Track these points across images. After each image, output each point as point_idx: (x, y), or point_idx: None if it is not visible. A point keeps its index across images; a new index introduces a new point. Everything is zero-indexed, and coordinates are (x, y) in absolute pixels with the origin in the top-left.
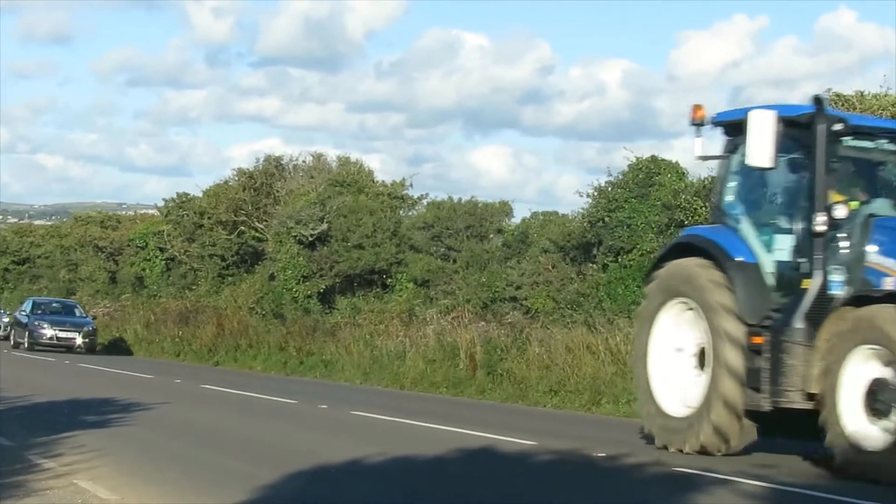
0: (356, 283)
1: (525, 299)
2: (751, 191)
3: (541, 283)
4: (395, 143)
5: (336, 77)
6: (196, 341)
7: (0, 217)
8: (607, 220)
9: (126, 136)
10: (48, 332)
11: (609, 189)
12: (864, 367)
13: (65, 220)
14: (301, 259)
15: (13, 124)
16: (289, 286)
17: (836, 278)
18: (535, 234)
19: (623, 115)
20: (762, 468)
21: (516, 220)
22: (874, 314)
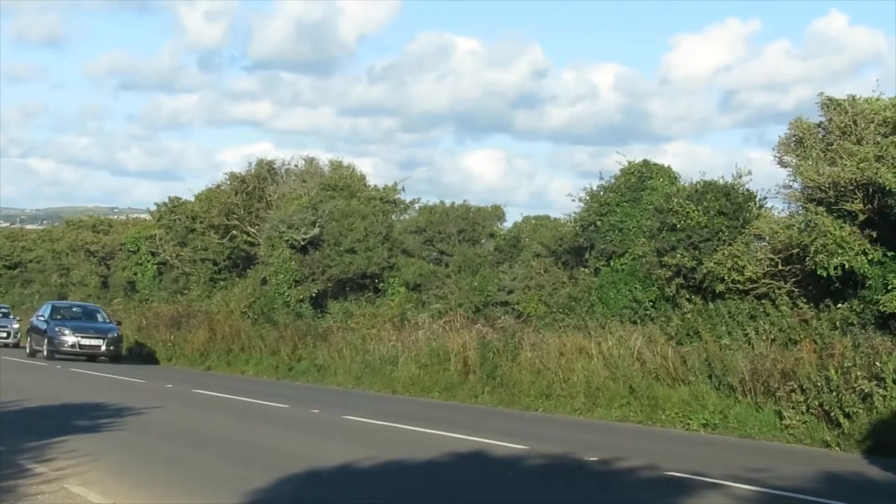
0: (348, 288)
1: (517, 303)
2: None
3: (533, 287)
4: (387, 148)
5: (328, 81)
6: (188, 346)
7: None
8: (599, 224)
9: (118, 139)
10: (69, 340)
11: (601, 193)
12: None
13: (56, 225)
14: (293, 263)
15: (5, 128)
16: (281, 290)
17: None
18: (527, 239)
19: (615, 119)
20: (754, 472)
21: (508, 225)
22: None
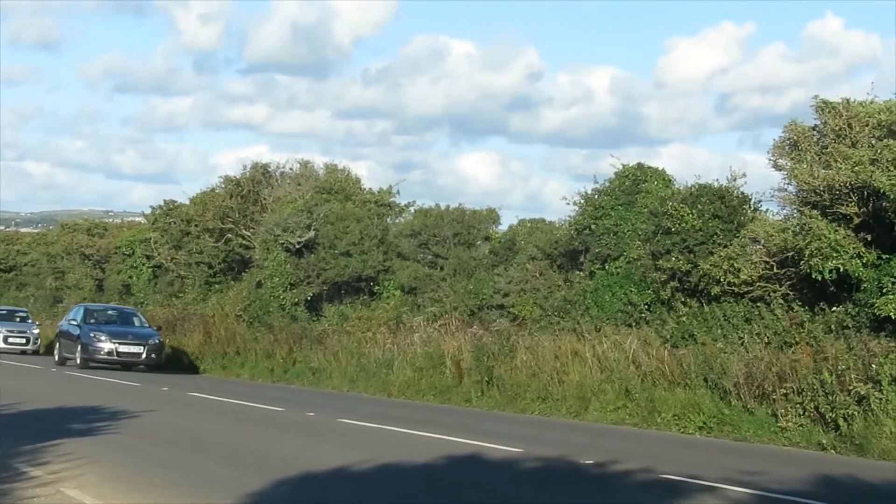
0: (343, 291)
1: (512, 306)
2: None
3: (528, 290)
4: (382, 150)
5: (323, 84)
6: (183, 349)
7: None
8: (594, 227)
9: (113, 143)
10: (106, 346)
11: (596, 196)
12: None
13: (51, 228)
14: (288, 266)
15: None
16: (276, 294)
17: None
18: (523, 242)
19: (610, 122)
20: (749, 475)
21: (503, 228)
22: None
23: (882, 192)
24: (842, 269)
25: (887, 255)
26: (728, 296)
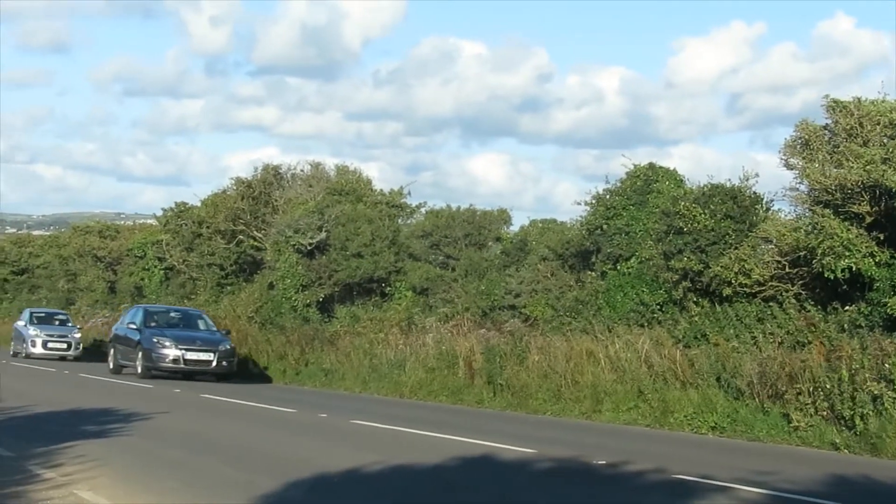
0: (355, 292)
1: (524, 307)
2: None
3: (540, 290)
4: (393, 152)
5: (333, 85)
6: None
7: None
8: (605, 227)
9: (123, 145)
10: (171, 353)
11: (607, 196)
12: None
13: (63, 231)
14: (300, 268)
15: (11, 134)
16: (288, 295)
17: None
18: (534, 242)
19: (621, 123)
20: (762, 474)
21: (515, 228)
22: None
23: (894, 190)
24: (854, 269)
25: None
26: (740, 295)
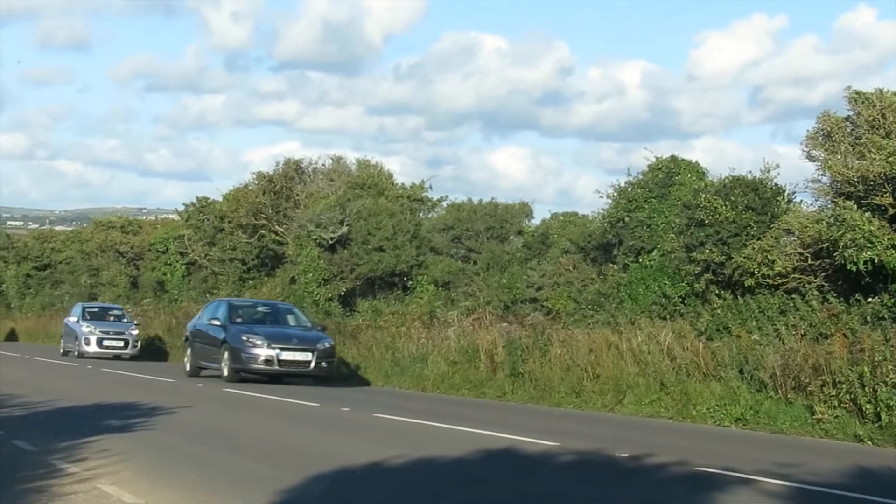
0: (377, 286)
1: (546, 300)
2: None
3: (561, 283)
4: (414, 146)
5: (355, 80)
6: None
7: (21, 223)
8: (627, 220)
9: (145, 141)
10: (262, 353)
11: (629, 189)
12: None
13: (85, 226)
14: (321, 262)
15: (33, 131)
16: (309, 289)
17: None
18: (556, 235)
19: (642, 116)
20: (785, 467)
21: (536, 222)
22: None
23: None
24: (876, 260)
25: None
26: (762, 287)
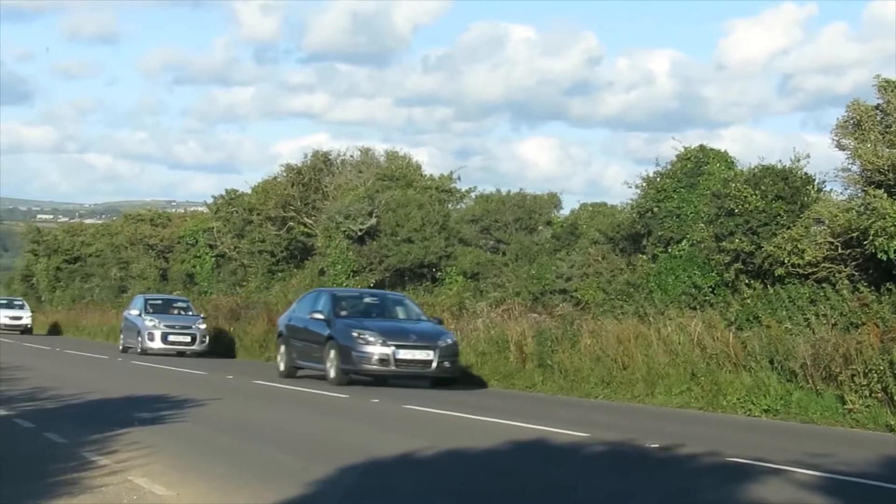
0: (406, 277)
1: (575, 291)
2: None
3: (591, 274)
4: (442, 137)
5: (383, 72)
6: (247, 337)
7: (51, 216)
8: (656, 210)
9: (174, 134)
10: (377, 351)
11: (658, 179)
12: None
13: (115, 219)
14: (350, 254)
15: (62, 124)
16: (339, 281)
17: None
18: (584, 226)
19: (671, 106)
20: (816, 457)
21: (565, 212)
22: None
23: None
24: None
25: None
26: (792, 277)
